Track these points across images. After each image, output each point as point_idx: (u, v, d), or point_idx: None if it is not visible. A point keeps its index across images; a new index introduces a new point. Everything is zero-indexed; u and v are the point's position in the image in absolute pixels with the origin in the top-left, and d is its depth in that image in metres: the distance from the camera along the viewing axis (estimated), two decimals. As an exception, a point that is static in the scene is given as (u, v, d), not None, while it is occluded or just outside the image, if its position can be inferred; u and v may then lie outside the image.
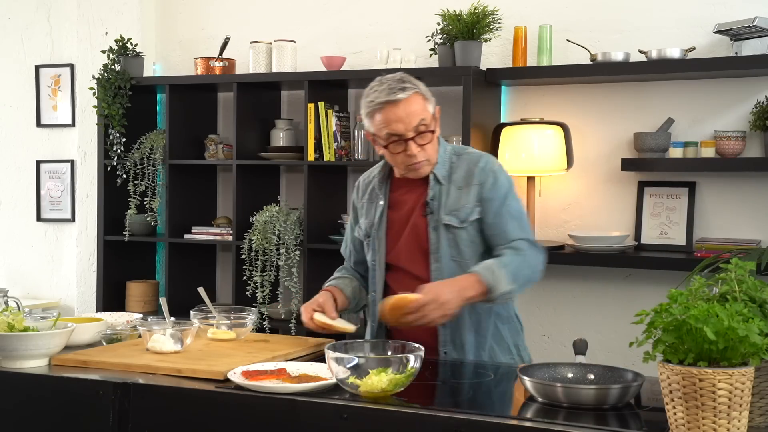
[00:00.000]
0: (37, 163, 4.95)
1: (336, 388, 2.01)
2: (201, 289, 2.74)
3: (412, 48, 4.11)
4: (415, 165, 2.46)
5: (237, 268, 4.22)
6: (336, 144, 4.09)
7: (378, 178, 2.60)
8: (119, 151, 4.42)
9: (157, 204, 4.45)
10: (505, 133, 3.88)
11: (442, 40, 3.91)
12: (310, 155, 4.10)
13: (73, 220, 4.87)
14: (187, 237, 4.41)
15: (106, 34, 4.66)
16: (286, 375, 2.11)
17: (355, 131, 4.14)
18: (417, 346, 2.08)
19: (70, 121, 4.87)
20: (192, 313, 2.64)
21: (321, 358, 2.23)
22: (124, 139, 4.43)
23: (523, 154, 3.83)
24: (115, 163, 4.45)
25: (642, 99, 3.88)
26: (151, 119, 4.67)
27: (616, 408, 1.88)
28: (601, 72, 3.75)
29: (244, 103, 4.27)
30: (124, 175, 4.45)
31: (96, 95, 4.41)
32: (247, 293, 4.10)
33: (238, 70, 4.45)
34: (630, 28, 3.89)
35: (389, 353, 2.11)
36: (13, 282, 4.93)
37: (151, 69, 4.69)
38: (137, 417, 2.07)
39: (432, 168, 2.49)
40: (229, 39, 4.36)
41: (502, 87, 4.07)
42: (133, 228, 4.46)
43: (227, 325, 2.59)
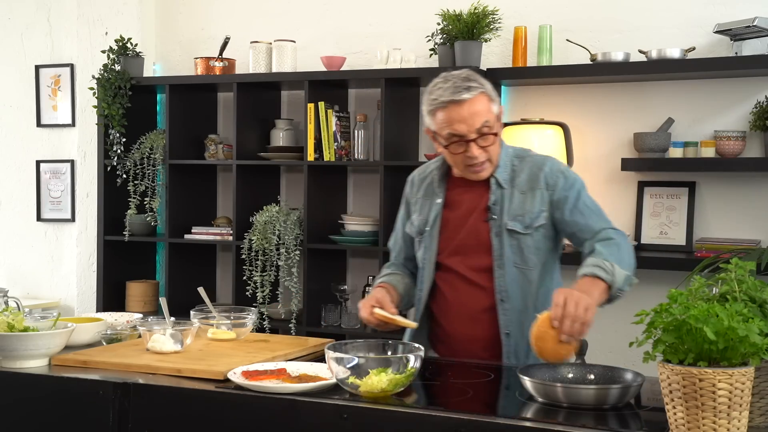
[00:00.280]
0: (37, 163, 4.95)
1: (336, 388, 2.01)
2: (201, 289, 2.74)
3: (412, 48, 4.11)
4: (475, 167, 2.39)
5: (237, 268, 4.22)
6: (336, 144, 4.09)
7: (437, 175, 2.54)
8: (119, 151, 4.42)
9: (157, 204, 4.45)
10: (505, 133, 3.86)
11: (442, 40, 3.91)
12: (310, 155, 4.10)
13: (73, 220, 4.87)
14: (187, 237, 4.41)
15: (106, 34, 4.66)
16: (286, 375, 2.10)
17: (355, 131, 4.14)
18: (417, 346, 2.07)
19: (70, 121, 4.87)
20: (192, 313, 2.64)
21: (321, 358, 2.22)
22: (124, 139, 4.43)
23: (523, 154, 3.83)
24: (115, 163, 4.45)
25: (642, 99, 3.88)
26: (151, 119, 4.67)
27: (616, 408, 1.88)
28: (601, 72, 3.75)
29: (244, 103, 4.27)
30: (124, 175, 4.45)
31: (96, 95, 4.42)
32: (247, 293, 4.10)
33: (238, 70, 4.45)
34: (630, 28, 3.89)
35: (389, 353, 2.11)
36: (13, 282, 4.93)
37: (151, 69, 4.69)
38: (137, 417, 2.07)
39: (493, 170, 2.43)
40: (229, 39, 4.36)
41: (502, 87, 4.06)
42: (133, 228, 4.46)
43: (227, 325, 2.58)
